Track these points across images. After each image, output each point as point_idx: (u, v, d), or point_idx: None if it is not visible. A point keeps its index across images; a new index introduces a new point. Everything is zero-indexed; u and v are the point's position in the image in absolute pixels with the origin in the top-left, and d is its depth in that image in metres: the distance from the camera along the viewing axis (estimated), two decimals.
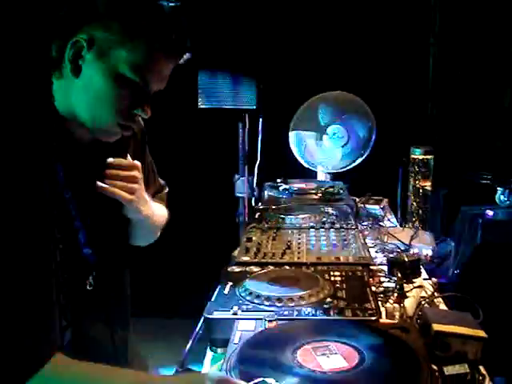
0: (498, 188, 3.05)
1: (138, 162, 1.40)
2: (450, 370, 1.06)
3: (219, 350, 1.29)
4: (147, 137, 1.60)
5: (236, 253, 1.79)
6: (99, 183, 1.30)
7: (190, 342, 1.28)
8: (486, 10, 3.17)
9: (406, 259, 1.64)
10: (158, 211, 1.58)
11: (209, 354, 1.33)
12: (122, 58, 1.18)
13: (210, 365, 1.30)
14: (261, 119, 3.33)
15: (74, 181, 1.24)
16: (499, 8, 3.10)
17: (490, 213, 2.99)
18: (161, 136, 1.62)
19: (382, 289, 1.53)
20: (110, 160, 1.34)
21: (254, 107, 3.25)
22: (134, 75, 1.20)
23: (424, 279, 1.64)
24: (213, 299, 1.42)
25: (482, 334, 1.20)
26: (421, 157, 2.31)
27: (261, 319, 1.25)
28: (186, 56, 1.28)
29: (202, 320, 1.32)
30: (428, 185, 2.31)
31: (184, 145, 3.79)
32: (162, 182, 1.72)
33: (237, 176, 3.47)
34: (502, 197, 3.06)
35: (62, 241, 1.20)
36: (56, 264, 1.18)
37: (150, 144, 1.61)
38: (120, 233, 1.46)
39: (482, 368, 1.11)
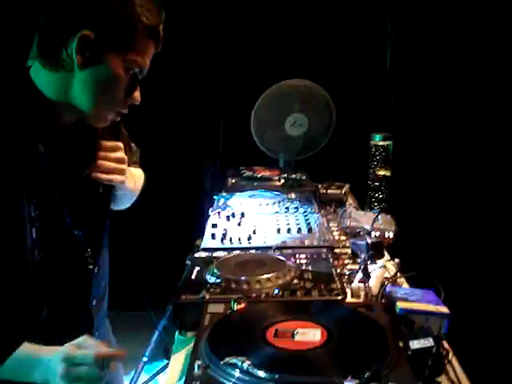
0: None
1: (120, 143, 1.43)
2: (415, 344, 1.10)
3: (189, 334, 1.30)
4: None
5: (200, 241, 1.80)
6: (93, 172, 1.34)
7: (159, 326, 1.28)
8: None
9: (369, 241, 1.68)
10: (137, 178, 1.64)
11: (178, 338, 1.33)
12: (124, 49, 1.23)
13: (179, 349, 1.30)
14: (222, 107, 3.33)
15: (56, 165, 1.26)
16: None
17: None
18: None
19: (346, 270, 1.57)
20: (103, 143, 1.38)
21: None
22: (135, 64, 1.26)
23: (387, 260, 1.68)
24: (180, 284, 1.42)
25: (444, 310, 1.25)
26: (381, 143, 2.36)
27: (229, 301, 1.26)
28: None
29: (170, 305, 1.33)
30: (387, 170, 2.35)
31: (147, 134, 3.74)
32: (134, 146, 1.74)
33: None
34: None
35: (43, 219, 1.21)
36: (33, 243, 1.19)
37: None
38: (102, 211, 1.47)
39: (445, 343, 1.15)
